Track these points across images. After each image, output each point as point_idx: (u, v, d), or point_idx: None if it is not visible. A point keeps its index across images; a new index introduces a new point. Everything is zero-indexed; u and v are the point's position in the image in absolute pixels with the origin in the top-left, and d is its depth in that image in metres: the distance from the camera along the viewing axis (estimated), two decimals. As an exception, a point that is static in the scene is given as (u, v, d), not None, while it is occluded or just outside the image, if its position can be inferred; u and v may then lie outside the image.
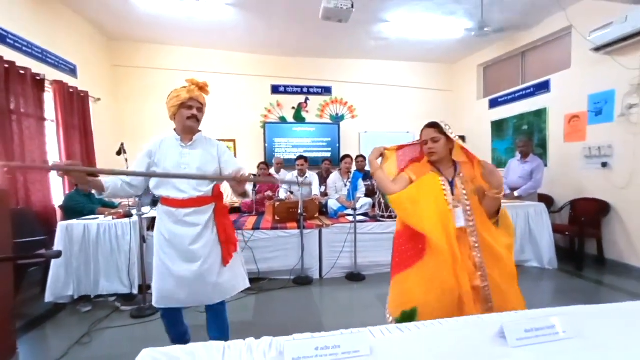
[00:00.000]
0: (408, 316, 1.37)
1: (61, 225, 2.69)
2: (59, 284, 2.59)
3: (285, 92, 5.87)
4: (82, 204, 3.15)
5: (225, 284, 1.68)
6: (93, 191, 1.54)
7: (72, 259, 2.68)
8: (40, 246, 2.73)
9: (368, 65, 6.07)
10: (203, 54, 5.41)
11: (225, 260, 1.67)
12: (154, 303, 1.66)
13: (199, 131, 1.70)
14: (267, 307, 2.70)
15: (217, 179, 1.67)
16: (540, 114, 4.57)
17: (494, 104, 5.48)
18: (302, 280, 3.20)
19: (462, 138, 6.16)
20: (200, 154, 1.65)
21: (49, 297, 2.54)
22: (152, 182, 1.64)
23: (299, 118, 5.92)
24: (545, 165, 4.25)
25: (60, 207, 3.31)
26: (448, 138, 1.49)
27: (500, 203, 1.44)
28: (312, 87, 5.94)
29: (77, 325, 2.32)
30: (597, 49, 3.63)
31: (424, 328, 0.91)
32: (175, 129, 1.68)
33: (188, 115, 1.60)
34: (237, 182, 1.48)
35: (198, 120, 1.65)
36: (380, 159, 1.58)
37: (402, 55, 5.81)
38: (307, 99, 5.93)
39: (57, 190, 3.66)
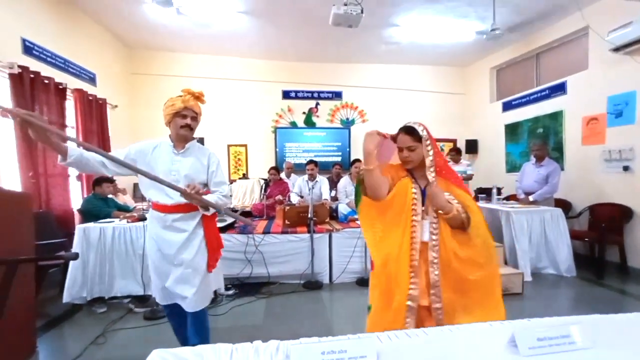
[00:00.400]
0: (368, 308, 1.42)
1: (79, 228, 2.78)
2: (75, 285, 2.68)
3: (296, 97, 5.93)
4: (98, 207, 3.25)
5: (206, 290, 1.72)
6: (60, 159, 1.42)
7: (89, 261, 2.76)
8: (60, 248, 2.84)
9: (379, 70, 6.07)
10: (216, 60, 5.54)
11: (210, 266, 1.70)
12: (157, 300, 1.76)
13: (193, 139, 1.74)
14: (276, 311, 2.70)
15: (171, 187, 1.48)
16: (556, 117, 4.45)
17: (507, 107, 5.37)
18: (312, 285, 3.20)
19: (474, 142, 6.08)
20: (191, 162, 1.68)
21: (66, 297, 2.63)
22: (144, 185, 1.66)
23: (309, 123, 5.96)
24: (562, 169, 4.13)
25: (79, 210, 3.43)
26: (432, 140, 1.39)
27: (463, 218, 1.30)
28: (322, 92, 5.98)
29: (93, 325, 2.38)
30: (616, 49, 3.52)
31: (433, 334, 0.89)
32: (170, 135, 1.71)
33: (182, 124, 1.63)
34: (185, 196, 1.47)
35: (192, 129, 1.67)
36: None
37: (414, 59, 5.79)
38: (317, 103, 5.97)
39: (76, 195, 3.80)
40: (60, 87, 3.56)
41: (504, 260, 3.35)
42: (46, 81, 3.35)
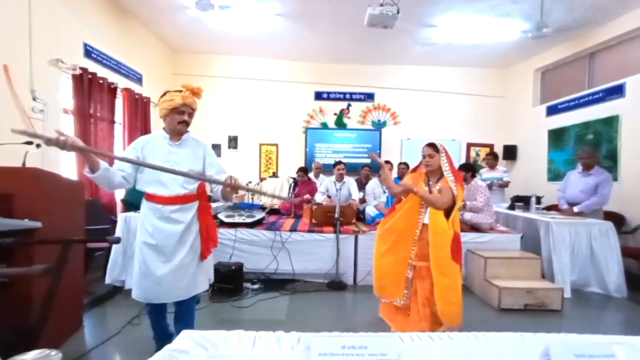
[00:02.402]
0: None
1: (121, 217, 3.01)
2: (116, 268, 2.89)
3: (328, 99, 5.97)
4: (139, 198, 3.45)
5: (198, 279, 1.75)
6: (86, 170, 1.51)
7: (128, 247, 2.97)
8: (105, 234, 3.09)
9: (412, 71, 5.94)
10: (252, 62, 5.74)
11: (203, 256, 1.75)
12: (134, 296, 1.69)
13: (187, 131, 1.77)
14: (299, 308, 2.73)
15: (215, 182, 1.70)
16: (611, 122, 4.07)
17: (552, 111, 5.00)
18: (335, 285, 3.19)
19: (513, 148, 5.73)
20: (187, 153, 1.72)
21: (108, 279, 2.85)
22: (142, 177, 1.66)
23: (340, 124, 5.97)
24: (615, 180, 3.76)
25: (122, 200, 3.71)
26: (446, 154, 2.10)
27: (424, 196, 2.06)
28: (354, 93, 5.97)
29: (130, 307, 2.55)
30: (685, 48, 3.16)
31: (458, 339, 0.86)
32: (164, 128, 1.74)
33: (179, 120, 1.67)
34: (231, 188, 1.63)
35: (187, 125, 1.72)
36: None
37: (450, 60, 5.59)
38: (349, 105, 5.97)
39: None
40: (112, 86, 3.89)
41: (542, 274, 3.11)
42: (101, 81, 3.67)
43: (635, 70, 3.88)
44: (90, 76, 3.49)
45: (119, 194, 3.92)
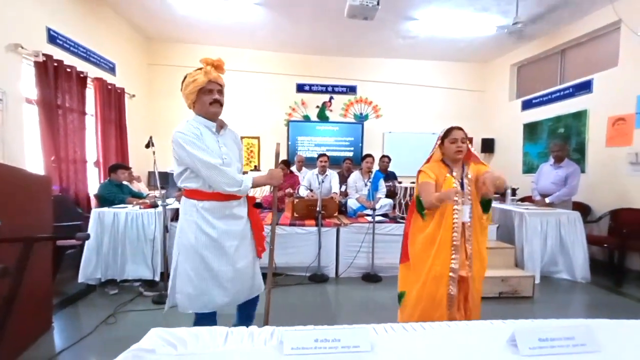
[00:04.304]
0: (400, 296, 1.81)
1: (94, 212, 2.88)
2: (90, 266, 2.78)
3: (310, 91, 5.91)
4: (113, 193, 3.36)
5: (259, 276, 1.73)
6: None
7: (103, 244, 2.86)
8: (77, 230, 2.92)
9: (394, 65, 5.96)
10: (232, 52, 5.57)
11: (260, 252, 1.68)
12: (191, 309, 1.51)
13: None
14: (281, 301, 2.72)
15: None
16: (580, 116, 4.26)
17: (527, 105, 5.18)
18: (317, 278, 3.21)
19: (491, 141, 5.91)
20: (231, 144, 1.61)
21: (81, 277, 2.74)
22: (191, 178, 1.48)
23: (322, 117, 5.94)
24: (583, 171, 3.95)
25: (95, 195, 3.55)
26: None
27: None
28: (337, 86, 5.93)
29: (105, 306, 2.47)
30: (648, 46, 3.33)
31: (430, 329, 0.87)
32: (195, 119, 1.51)
33: (210, 100, 1.46)
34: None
35: (221, 105, 1.50)
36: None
37: (431, 54, 5.65)
38: (331, 97, 5.94)
39: (94, 180, 3.93)
40: (82, 75, 3.68)
41: (515, 263, 3.25)
42: (68, 69, 3.46)
43: (602, 67, 4.05)
44: (56, 64, 3.28)
45: (92, 189, 3.75)
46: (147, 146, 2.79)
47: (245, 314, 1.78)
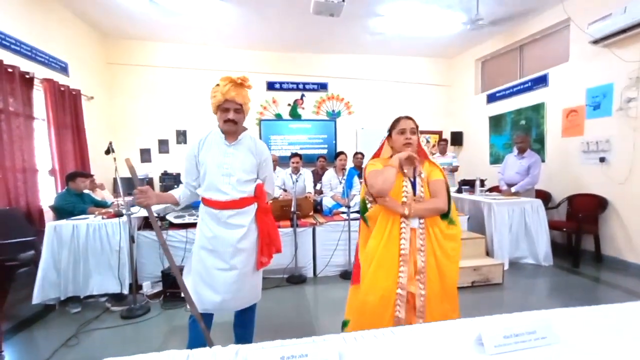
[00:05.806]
0: (343, 324, 1.59)
1: (49, 226, 2.66)
2: (47, 285, 2.56)
3: (281, 89, 5.81)
4: (72, 203, 3.12)
5: (256, 288, 1.72)
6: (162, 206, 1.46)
7: (61, 260, 2.65)
8: (30, 247, 2.71)
9: (365, 61, 6.00)
10: (198, 50, 5.35)
11: (260, 263, 1.65)
12: (202, 310, 1.56)
13: (245, 129, 1.63)
14: (259, 306, 2.65)
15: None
16: (538, 109, 4.50)
17: (491, 99, 5.41)
18: (295, 279, 3.17)
19: (459, 134, 6.12)
20: (243, 155, 1.59)
21: (36, 298, 2.50)
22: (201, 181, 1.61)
23: (295, 115, 5.87)
24: (543, 161, 4.20)
25: (51, 207, 3.28)
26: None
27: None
28: (307, 83, 5.88)
29: (66, 326, 2.29)
30: (596, 42, 3.56)
31: (400, 333, 0.87)
32: (217, 127, 1.63)
33: (224, 119, 1.54)
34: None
35: (236, 123, 1.56)
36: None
37: (399, 50, 5.74)
38: (303, 95, 5.87)
39: (46, 191, 3.63)
40: (27, 76, 3.37)
41: (486, 252, 3.39)
42: (10, 70, 3.15)
43: (556, 62, 4.30)
44: (-5, 65, 2.98)
45: (47, 200, 3.46)
46: (107, 152, 2.61)
47: (241, 321, 1.80)
